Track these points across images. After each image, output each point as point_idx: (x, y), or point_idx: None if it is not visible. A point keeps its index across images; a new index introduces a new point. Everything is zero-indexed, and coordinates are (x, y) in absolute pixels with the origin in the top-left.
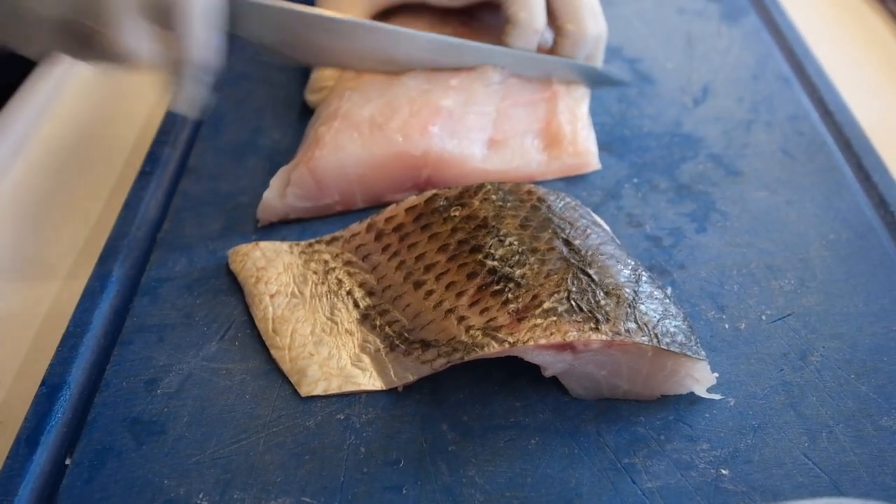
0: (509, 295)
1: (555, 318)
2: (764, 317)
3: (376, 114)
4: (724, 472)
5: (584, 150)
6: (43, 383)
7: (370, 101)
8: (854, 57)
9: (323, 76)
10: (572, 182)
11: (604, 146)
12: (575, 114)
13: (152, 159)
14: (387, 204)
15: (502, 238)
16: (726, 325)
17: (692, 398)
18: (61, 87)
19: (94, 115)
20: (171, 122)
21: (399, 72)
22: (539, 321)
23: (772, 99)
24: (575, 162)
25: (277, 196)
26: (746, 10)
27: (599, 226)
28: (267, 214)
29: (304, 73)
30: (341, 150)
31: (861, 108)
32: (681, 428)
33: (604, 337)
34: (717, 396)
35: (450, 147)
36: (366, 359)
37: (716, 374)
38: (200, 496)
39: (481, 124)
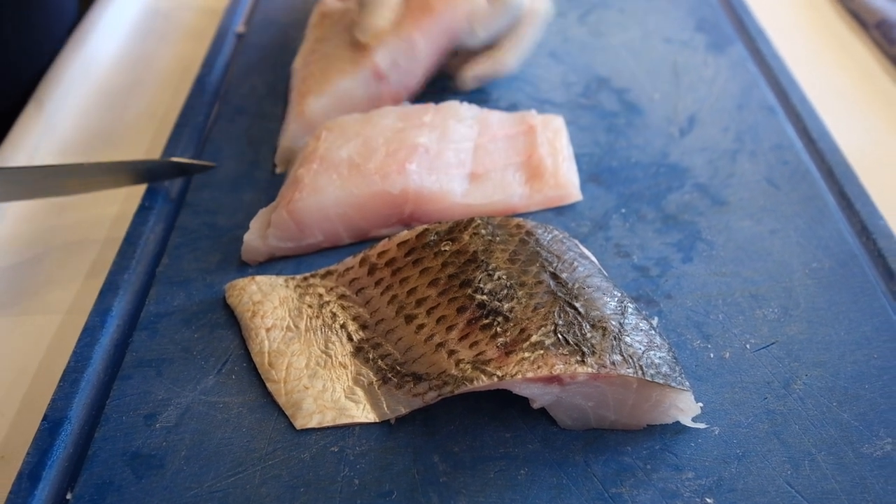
0: (498, 329)
1: (542, 352)
2: (748, 345)
3: (354, 154)
4: (708, 500)
5: (566, 182)
6: (45, 418)
7: (348, 142)
8: (838, 85)
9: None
10: (561, 213)
11: (592, 177)
12: (555, 146)
13: (151, 194)
14: (375, 238)
15: (491, 272)
16: (711, 355)
17: (678, 427)
18: (59, 119)
19: (93, 150)
20: (169, 157)
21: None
22: (527, 354)
23: (757, 128)
24: (557, 194)
25: (258, 238)
26: (733, 39)
27: (587, 258)
28: (251, 255)
29: None
30: (320, 192)
31: (844, 137)
32: (667, 457)
33: (589, 370)
34: (702, 425)
35: (428, 184)
36: (359, 391)
37: (700, 404)
38: None
39: (460, 159)
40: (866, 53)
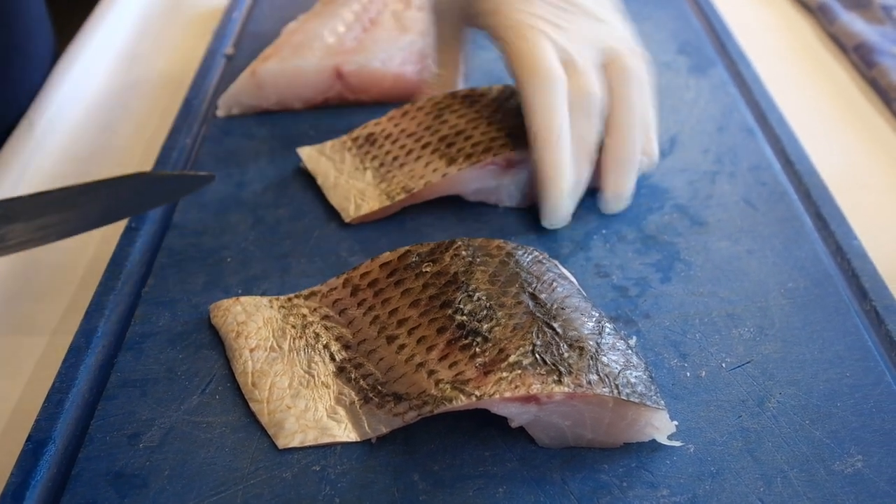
0: (477, 349)
1: (520, 372)
2: (724, 364)
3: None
4: None
5: None
6: (29, 439)
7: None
8: (817, 107)
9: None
10: (543, 233)
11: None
12: None
13: (138, 216)
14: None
15: (471, 293)
16: (688, 373)
17: (654, 445)
18: (46, 141)
19: (80, 170)
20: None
21: None
22: (505, 375)
23: (736, 150)
24: None
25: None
26: (714, 62)
27: (566, 278)
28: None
29: (287, 128)
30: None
31: (822, 158)
32: (642, 475)
33: (566, 389)
34: (677, 443)
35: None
36: (341, 411)
37: (675, 423)
38: None
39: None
40: (845, 76)
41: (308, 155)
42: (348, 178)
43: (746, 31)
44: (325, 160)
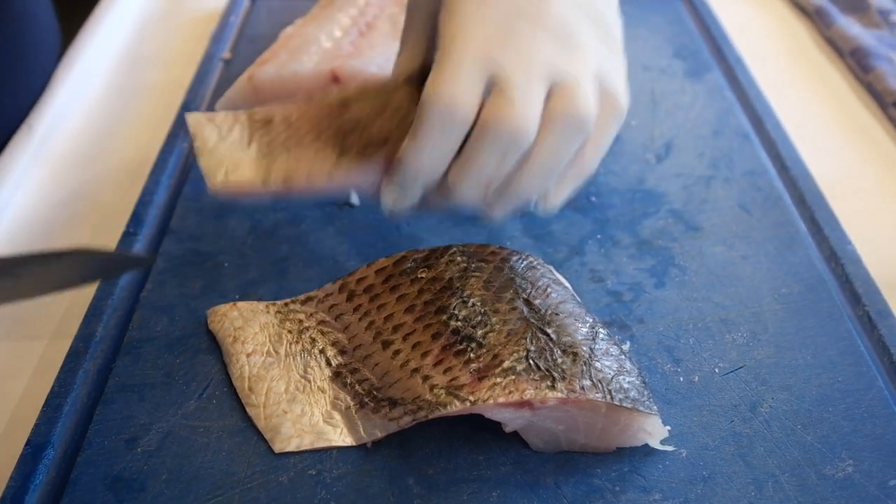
0: (471, 355)
1: (513, 377)
2: (717, 370)
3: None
4: None
5: None
6: (28, 443)
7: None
8: (813, 111)
9: None
10: (538, 239)
11: (569, 203)
12: None
13: (136, 221)
14: None
15: (466, 299)
16: (681, 378)
17: (647, 450)
18: (45, 145)
19: (77, 175)
20: (154, 184)
21: None
22: (499, 380)
23: (731, 154)
24: None
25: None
26: (710, 66)
27: (560, 284)
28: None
29: None
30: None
31: (817, 162)
32: (635, 479)
33: (559, 394)
34: (669, 448)
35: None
36: (337, 416)
37: (668, 427)
38: None
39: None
40: (841, 80)
41: (194, 119)
42: (229, 147)
43: (743, 35)
44: (210, 126)
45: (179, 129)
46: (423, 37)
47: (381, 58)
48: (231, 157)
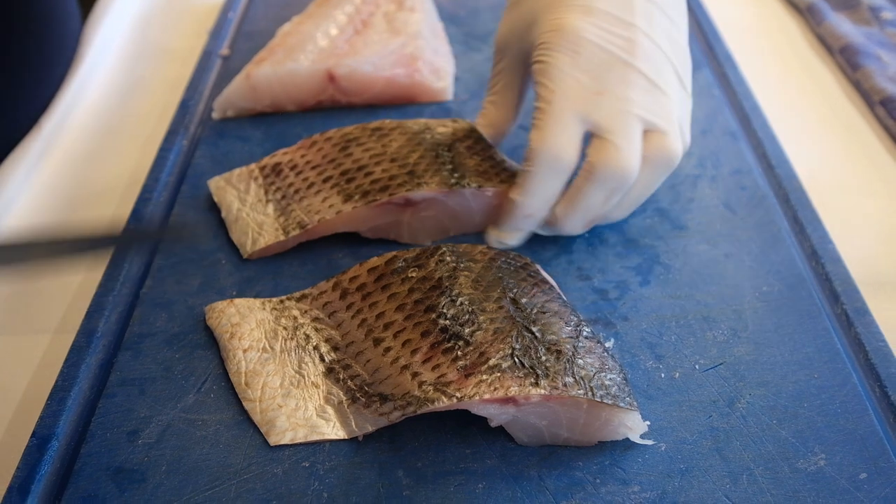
0: (459, 352)
1: (499, 374)
2: (697, 366)
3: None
4: None
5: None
6: (33, 435)
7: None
8: (800, 109)
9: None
10: (527, 237)
11: None
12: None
13: (136, 217)
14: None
15: (454, 298)
16: (662, 374)
17: (628, 443)
18: (48, 148)
19: (78, 174)
20: (153, 181)
21: None
22: (485, 377)
23: (718, 154)
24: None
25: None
26: (701, 64)
27: (546, 283)
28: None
29: (281, 130)
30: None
31: (803, 161)
32: (615, 472)
33: (542, 391)
34: (649, 442)
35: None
36: (330, 410)
37: (647, 422)
38: None
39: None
40: (831, 78)
41: (216, 185)
42: (250, 211)
43: (735, 31)
44: (231, 190)
45: (179, 127)
46: (515, 90)
47: (375, 57)
48: (254, 221)
